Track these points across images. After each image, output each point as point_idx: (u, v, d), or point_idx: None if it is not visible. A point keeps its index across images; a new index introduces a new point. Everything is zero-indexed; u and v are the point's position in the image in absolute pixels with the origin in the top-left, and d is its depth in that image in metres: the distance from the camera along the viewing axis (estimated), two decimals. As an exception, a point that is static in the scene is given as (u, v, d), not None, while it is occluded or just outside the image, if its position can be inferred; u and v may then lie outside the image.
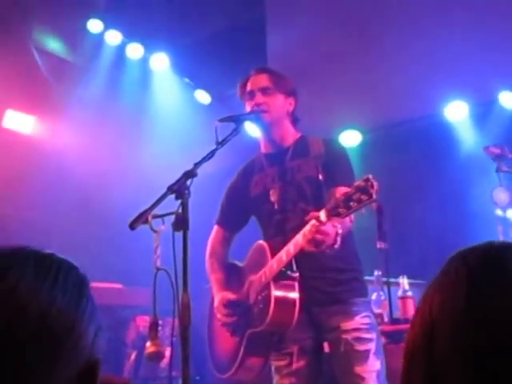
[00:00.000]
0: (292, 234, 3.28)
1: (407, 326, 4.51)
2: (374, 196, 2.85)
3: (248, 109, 3.70)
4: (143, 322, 5.52)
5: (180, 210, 2.82)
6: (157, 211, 2.81)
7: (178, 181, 2.89)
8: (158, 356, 2.97)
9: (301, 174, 3.62)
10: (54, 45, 7.13)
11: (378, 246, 4.74)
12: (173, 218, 2.82)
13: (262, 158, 3.83)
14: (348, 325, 3.42)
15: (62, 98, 6.94)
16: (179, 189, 2.85)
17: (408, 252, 6.23)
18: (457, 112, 6.85)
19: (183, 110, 7.51)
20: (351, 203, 2.89)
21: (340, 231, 3.07)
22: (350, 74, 7.07)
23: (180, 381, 2.70)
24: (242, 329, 3.61)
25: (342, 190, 3.09)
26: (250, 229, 3.96)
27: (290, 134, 3.77)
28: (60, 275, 1.12)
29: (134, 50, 7.40)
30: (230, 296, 3.68)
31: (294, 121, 3.82)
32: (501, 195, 4.95)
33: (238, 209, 3.91)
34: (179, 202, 2.85)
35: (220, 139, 3.19)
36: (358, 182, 2.90)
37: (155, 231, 2.82)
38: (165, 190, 2.87)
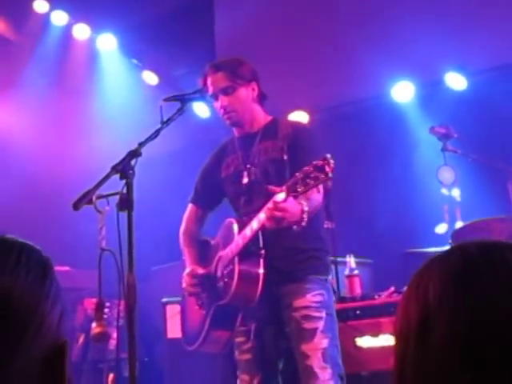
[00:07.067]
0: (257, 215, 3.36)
1: (354, 304, 4.62)
2: (330, 175, 2.93)
3: (217, 109, 3.78)
4: (91, 304, 5.47)
5: (124, 190, 2.81)
6: (101, 191, 2.79)
7: (122, 160, 2.86)
8: (103, 337, 2.97)
9: (267, 155, 3.70)
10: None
11: (325, 225, 4.77)
12: (117, 198, 2.81)
13: (235, 140, 3.90)
14: (299, 302, 3.49)
15: (7, 79, 6.82)
16: (123, 168, 2.83)
17: (355, 231, 6.29)
18: (403, 92, 6.91)
19: (131, 91, 7.44)
20: (308, 180, 2.96)
21: (306, 209, 3.15)
22: (297, 54, 7.09)
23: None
24: (209, 303, 3.71)
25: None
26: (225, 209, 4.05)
27: (260, 118, 3.85)
28: (23, 255, 1.09)
29: (81, 31, 7.27)
30: (199, 270, 3.78)
31: (262, 100, 3.87)
32: (446, 174, 5.01)
33: (210, 188, 4.00)
34: (124, 182, 2.83)
35: (165, 119, 3.17)
36: (316, 161, 2.97)
37: (100, 212, 2.80)
38: (109, 170, 2.85)
